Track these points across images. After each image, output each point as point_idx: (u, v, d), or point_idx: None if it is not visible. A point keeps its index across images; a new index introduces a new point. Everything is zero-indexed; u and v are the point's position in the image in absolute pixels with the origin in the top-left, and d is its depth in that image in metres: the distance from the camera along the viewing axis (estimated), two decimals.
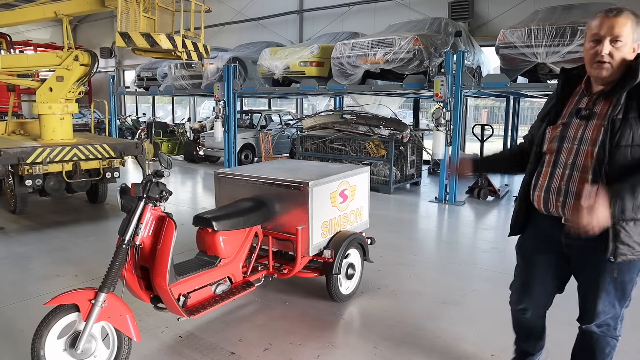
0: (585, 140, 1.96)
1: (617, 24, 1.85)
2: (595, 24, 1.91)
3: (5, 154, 5.51)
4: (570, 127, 2.02)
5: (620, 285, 2.02)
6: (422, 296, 3.93)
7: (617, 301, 2.05)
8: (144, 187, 2.66)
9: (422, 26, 8.83)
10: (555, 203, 2.02)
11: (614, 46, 1.87)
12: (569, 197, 1.97)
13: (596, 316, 2.08)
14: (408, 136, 8.74)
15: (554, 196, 2.02)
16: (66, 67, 6.33)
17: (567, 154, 2.01)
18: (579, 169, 1.96)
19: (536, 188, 2.11)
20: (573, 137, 2.00)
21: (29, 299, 3.80)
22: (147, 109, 20.20)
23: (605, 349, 2.14)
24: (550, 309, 2.37)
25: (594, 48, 1.90)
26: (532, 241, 2.24)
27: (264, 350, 3.04)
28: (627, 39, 1.86)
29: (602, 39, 1.88)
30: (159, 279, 2.73)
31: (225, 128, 10.62)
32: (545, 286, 2.25)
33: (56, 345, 2.47)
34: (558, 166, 2.03)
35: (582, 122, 1.98)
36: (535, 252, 2.23)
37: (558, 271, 2.19)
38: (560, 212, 2.02)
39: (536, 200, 2.11)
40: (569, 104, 2.09)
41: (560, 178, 2.01)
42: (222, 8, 15.85)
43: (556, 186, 2.02)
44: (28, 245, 5.26)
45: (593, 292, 2.05)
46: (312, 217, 3.46)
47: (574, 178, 1.97)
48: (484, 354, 2.99)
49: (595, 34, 1.90)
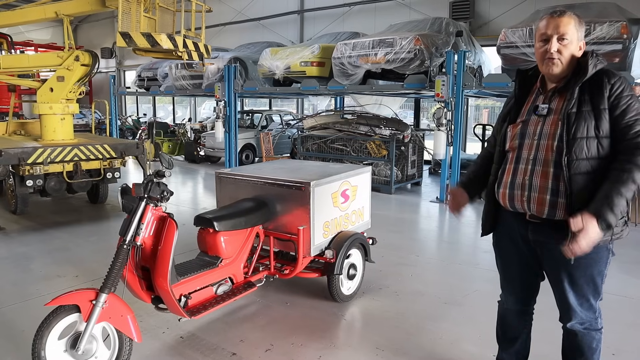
0: (545, 135, 2.04)
1: (561, 23, 1.98)
2: (542, 25, 2.02)
3: (6, 154, 5.51)
4: (529, 124, 2.10)
5: (591, 279, 2.06)
6: (423, 296, 3.92)
7: (591, 296, 2.09)
8: (145, 188, 2.65)
9: (423, 26, 8.82)
10: (520, 198, 2.07)
11: (561, 44, 1.99)
12: (533, 191, 2.03)
13: (572, 312, 2.12)
14: (409, 136, 8.73)
15: (519, 191, 2.07)
16: (67, 67, 6.32)
17: (529, 150, 2.07)
18: (540, 163, 2.03)
19: (500, 185, 2.17)
20: (533, 133, 2.07)
21: (30, 300, 3.79)
22: (147, 109, 20.20)
23: (592, 344, 2.16)
24: (549, 309, 2.36)
25: (543, 47, 2.01)
26: (504, 239, 2.30)
27: (265, 350, 3.03)
28: (573, 37, 1.99)
29: (550, 38, 1.99)
30: (160, 279, 2.72)
31: (226, 128, 10.61)
32: (525, 280, 2.31)
33: (57, 346, 2.47)
34: (520, 162, 2.09)
35: (540, 118, 2.07)
36: (509, 249, 2.28)
37: (534, 265, 2.23)
38: (525, 207, 2.06)
39: (501, 197, 2.16)
40: (526, 103, 2.17)
41: (524, 173, 2.07)
42: (223, 8, 15.85)
43: (520, 182, 2.07)
44: (29, 245, 5.26)
45: (565, 288, 2.09)
46: (314, 218, 3.45)
47: (537, 172, 2.04)
48: (485, 354, 2.98)
49: (543, 33, 2.01)
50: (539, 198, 2.01)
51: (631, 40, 6.17)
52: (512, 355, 2.48)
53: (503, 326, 2.49)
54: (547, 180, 1.99)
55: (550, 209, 1.99)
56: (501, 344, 2.53)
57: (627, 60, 6.27)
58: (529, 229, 2.11)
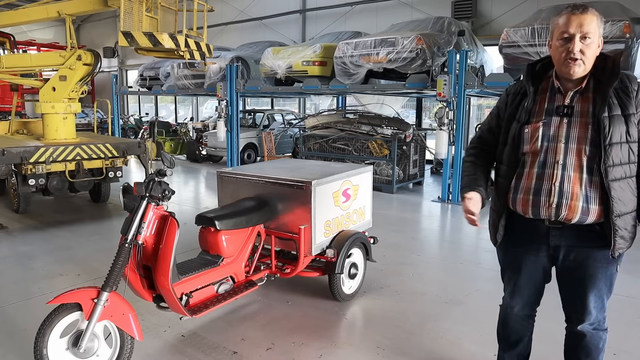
0: (573, 138, 1.93)
1: (585, 21, 1.84)
2: (563, 22, 1.88)
3: (9, 153, 5.53)
4: (551, 126, 1.97)
5: (609, 279, 2.04)
6: (425, 296, 3.92)
7: (606, 296, 2.07)
8: (147, 187, 2.65)
9: (425, 25, 8.80)
10: (547, 205, 1.96)
11: (583, 43, 1.86)
12: (564, 197, 1.93)
13: (588, 315, 2.08)
14: (411, 136, 8.73)
15: (546, 197, 1.96)
16: (69, 66, 6.34)
17: (555, 154, 1.95)
18: (572, 168, 1.93)
19: (519, 191, 2.04)
20: (558, 136, 1.95)
21: (32, 298, 3.80)
22: (150, 108, 20.23)
23: (599, 344, 2.14)
24: (553, 310, 2.35)
25: (564, 46, 1.88)
26: (515, 247, 2.18)
27: (266, 349, 3.04)
28: (595, 36, 1.87)
29: (572, 37, 1.86)
30: (162, 278, 2.73)
31: (227, 128, 10.62)
32: (535, 286, 2.23)
33: (59, 344, 2.47)
34: (547, 167, 1.97)
35: (564, 120, 1.95)
36: (521, 256, 2.17)
37: (546, 271, 2.17)
38: (553, 213, 1.96)
39: (521, 203, 2.03)
40: (539, 102, 2.04)
41: (552, 179, 1.95)
42: (225, 8, 15.86)
43: (548, 187, 1.96)
44: (31, 244, 5.28)
45: (586, 291, 2.04)
46: (315, 217, 3.45)
47: (568, 177, 1.93)
48: (486, 353, 2.98)
49: (564, 31, 1.87)
50: (571, 205, 1.91)
51: (634, 40, 6.15)
52: (514, 356, 2.45)
53: (506, 330, 2.43)
54: (581, 186, 1.91)
55: (581, 216, 1.92)
56: (503, 347, 2.48)
57: (630, 59, 6.25)
58: (550, 234, 2.02)
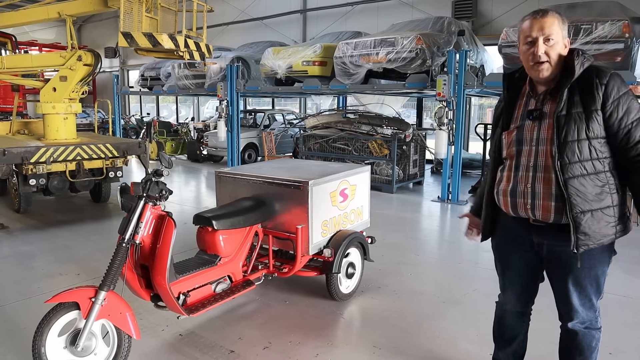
0: (542, 140, 1.99)
1: (546, 24, 1.92)
2: (526, 27, 1.96)
3: (10, 153, 5.56)
4: (525, 130, 2.05)
5: (595, 279, 2.05)
6: (422, 295, 3.93)
7: (593, 295, 2.08)
8: (144, 186, 2.67)
9: (425, 25, 8.81)
10: (524, 206, 2.04)
11: (547, 45, 1.92)
12: (537, 198, 2.00)
13: (575, 313, 2.11)
14: (411, 135, 8.73)
15: (522, 199, 2.04)
16: (70, 67, 6.37)
17: (527, 156, 2.03)
18: (541, 169, 1.99)
19: (500, 193, 2.14)
20: (530, 139, 2.03)
21: (32, 297, 3.83)
22: (151, 108, 20.28)
23: (592, 343, 2.16)
24: (549, 309, 2.37)
25: (530, 50, 1.95)
26: (504, 242, 2.27)
27: (263, 348, 3.05)
28: (558, 37, 1.93)
29: (536, 40, 1.93)
30: (159, 277, 2.74)
31: (228, 127, 10.64)
32: (524, 283, 2.29)
33: (57, 342, 2.50)
34: (520, 169, 2.05)
35: (535, 123, 2.02)
36: (510, 252, 2.25)
37: (534, 267, 2.21)
38: (530, 214, 2.03)
39: (503, 205, 2.13)
40: (518, 107, 2.12)
41: (525, 181, 2.03)
42: (226, 8, 15.89)
43: (522, 189, 2.03)
44: (32, 244, 5.30)
45: (569, 289, 2.08)
46: (312, 216, 3.46)
47: (538, 179, 2.00)
48: (482, 353, 2.98)
49: (528, 35, 1.95)
50: (544, 205, 1.98)
51: (633, 40, 6.15)
52: (509, 355, 2.48)
53: (501, 327, 2.48)
54: (550, 186, 1.96)
55: (556, 215, 1.97)
56: (498, 344, 2.52)
57: (630, 59, 6.25)
58: (533, 232, 2.09)
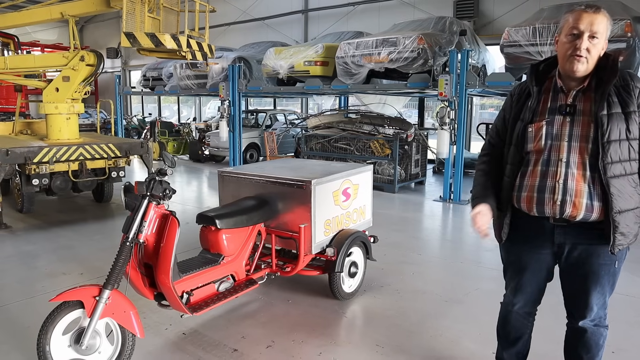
0: (576, 136, 1.97)
1: (596, 20, 1.88)
2: (573, 19, 1.91)
3: (13, 153, 5.57)
4: (554, 124, 2.01)
5: (612, 277, 2.06)
6: (425, 295, 3.94)
7: (608, 293, 2.08)
8: (148, 186, 2.68)
9: (427, 25, 8.81)
10: (551, 202, 1.99)
11: (591, 42, 1.90)
12: (569, 194, 1.96)
13: (590, 311, 2.10)
14: (412, 135, 8.74)
15: (550, 195, 1.99)
16: (72, 67, 6.38)
17: (558, 152, 1.99)
18: (575, 166, 1.96)
19: (523, 188, 2.08)
20: (561, 134, 1.99)
21: (35, 296, 3.84)
22: (153, 108, 20.31)
23: (600, 340, 2.16)
24: (552, 308, 2.37)
25: (572, 42, 1.91)
26: (520, 245, 2.20)
27: (266, 347, 3.06)
28: (602, 37, 1.91)
29: (581, 34, 1.89)
30: (163, 276, 2.75)
31: (230, 128, 10.66)
32: (538, 284, 2.25)
33: (61, 341, 2.51)
34: (551, 164, 2.00)
35: (567, 118, 1.99)
36: (525, 255, 2.19)
37: (548, 267, 2.19)
38: (557, 210, 1.99)
39: (525, 201, 2.07)
40: (543, 101, 2.08)
41: (556, 176, 1.98)
42: (228, 8, 15.90)
43: (552, 185, 1.99)
44: (35, 243, 5.32)
45: (588, 287, 2.06)
46: (315, 216, 3.47)
47: (572, 175, 1.96)
48: (485, 352, 2.99)
49: (574, 27, 1.90)
50: (575, 202, 1.95)
51: (636, 39, 6.14)
52: (513, 355, 2.46)
53: (506, 328, 2.44)
54: (584, 183, 1.94)
55: (585, 213, 1.95)
56: (502, 344, 2.49)
57: (632, 58, 6.24)
58: (555, 232, 2.05)
